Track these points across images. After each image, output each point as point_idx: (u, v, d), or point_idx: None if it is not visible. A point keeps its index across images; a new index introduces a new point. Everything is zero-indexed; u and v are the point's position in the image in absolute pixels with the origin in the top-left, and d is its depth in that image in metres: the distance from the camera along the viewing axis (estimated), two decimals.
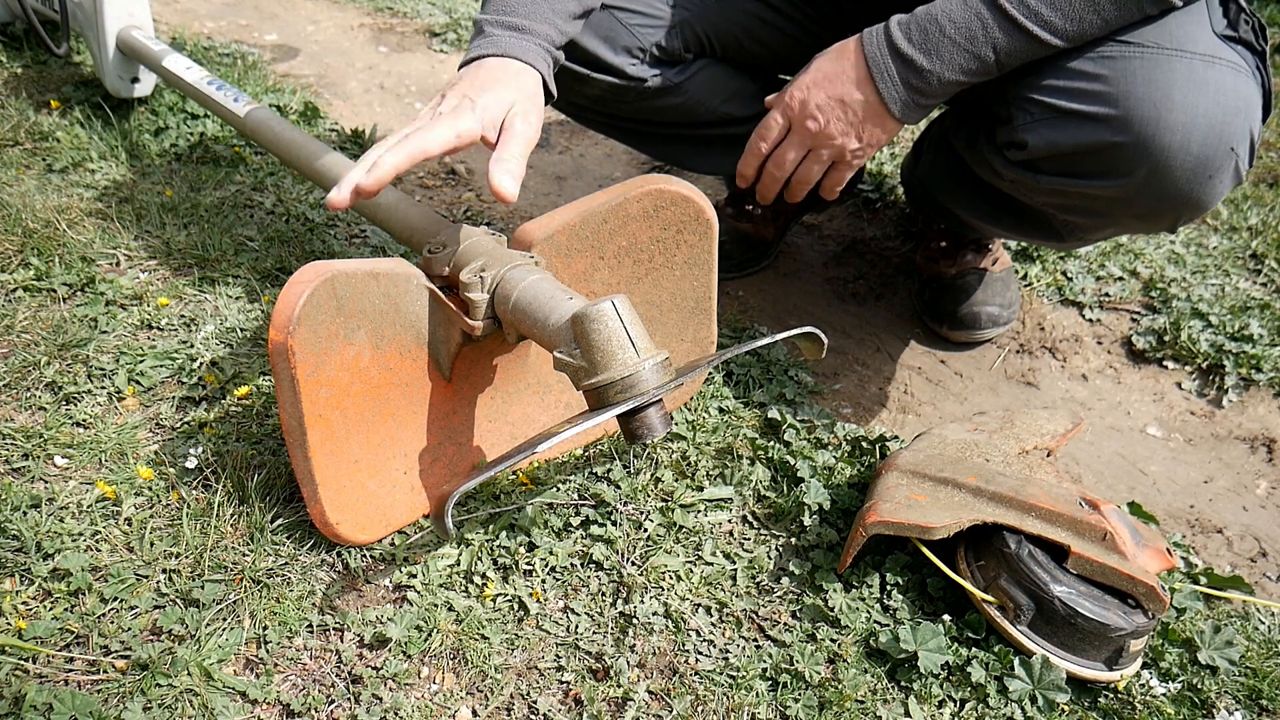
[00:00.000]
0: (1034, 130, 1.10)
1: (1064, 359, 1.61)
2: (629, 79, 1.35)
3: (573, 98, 1.42)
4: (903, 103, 1.09)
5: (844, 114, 1.09)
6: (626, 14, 1.32)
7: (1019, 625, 0.98)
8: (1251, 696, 1.01)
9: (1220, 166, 1.04)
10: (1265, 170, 2.26)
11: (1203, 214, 1.11)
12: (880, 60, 1.08)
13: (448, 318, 1.02)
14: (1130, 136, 1.03)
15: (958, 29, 1.04)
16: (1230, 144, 1.03)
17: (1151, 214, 1.11)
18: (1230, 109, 1.02)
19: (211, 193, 1.68)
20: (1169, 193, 1.06)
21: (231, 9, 2.75)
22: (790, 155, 1.16)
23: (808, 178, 1.16)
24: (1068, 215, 1.21)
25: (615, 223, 1.10)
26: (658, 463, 1.20)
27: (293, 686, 0.92)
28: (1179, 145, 1.02)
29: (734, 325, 1.55)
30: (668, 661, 0.98)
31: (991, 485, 1.04)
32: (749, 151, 1.19)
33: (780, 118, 1.15)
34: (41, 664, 0.89)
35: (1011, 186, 1.21)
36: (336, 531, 1.00)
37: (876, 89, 1.08)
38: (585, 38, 1.30)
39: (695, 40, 1.37)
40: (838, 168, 1.16)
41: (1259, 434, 1.47)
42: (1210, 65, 1.03)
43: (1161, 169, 1.04)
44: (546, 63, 1.08)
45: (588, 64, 1.33)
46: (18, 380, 1.20)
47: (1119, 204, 1.11)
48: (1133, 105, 1.03)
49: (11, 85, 1.95)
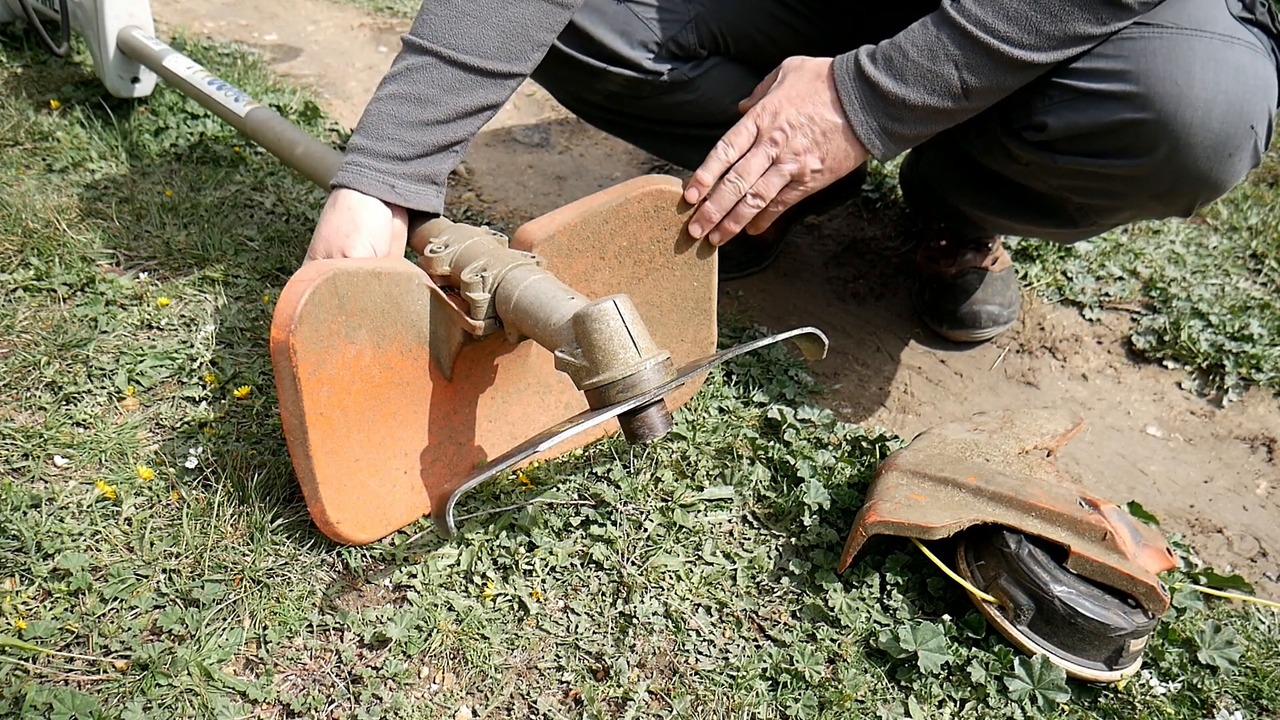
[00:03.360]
0: (1053, 111, 1.10)
1: (1064, 359, 1.61)
2: (645, 72, 1.35)
3: (585, 94, 1.42)
4: (869, 129, 1.07)
5: (812, 131, 1.08)
6: (642, 7, 1.32)
7: (1019, 625, 0.98)
8: (1251, 696, 1.01)
9: (1240, 145, 1.04)
10: (1265, 170, 2.27)
11: (1220, 194, 1.10)
12: (848, 85, 1.07)
13: (449, 317, 1.02)
14: (1152, 113, 1.03)
15: (919, 51, 1.04)
16: (1250, 121, 1.03)
17: (1170, 193, 1.11)
18: (1250, 87, 1.02)
19: (211, 193, 1.68)
20: (1189, 170, 1.06)
21: (231, 9, 2.75)
22: (755, 164, 1.10)
23: (766, 191, 1.11)
24: (1084, 198, 1.20)
25: (616, 223, 1.10)
26: (658, 463, 1.20)
27: (293, 686, 0.92)
28: (1200, 122, 1.02)
29: (734, 325, 1.55)
30: (668, 661, 0.98)
31: (991, 485, 1.04)
32: (712, 157, 1.11)
33: (751, 124, 1.10)
34: (41, 664, 0.89)
35: (1025, 171, 1.21)
36: (337, 531, 1.00)
37: (845, 115, 1.07)
38: (600, 31, 1.30)
39: (710, 36, 1.38)
40: (792, 187, 1.11)
41: (1259, 434, 1.47)
42: (1229, 44, 1.03)
43: (1183, 146, 1.04)
44: (380, 182, 1.06)
45: (603, 58, 1.33)
46: (18, 380, 1.20)
47: (1138, 183, 1.11)
48: (1154, 82, 1.02)
49: (11, 85, 1.95)
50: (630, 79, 1.35)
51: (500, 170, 2.05)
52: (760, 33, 1.40)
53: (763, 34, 1.41)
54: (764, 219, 1.15)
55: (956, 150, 1.35)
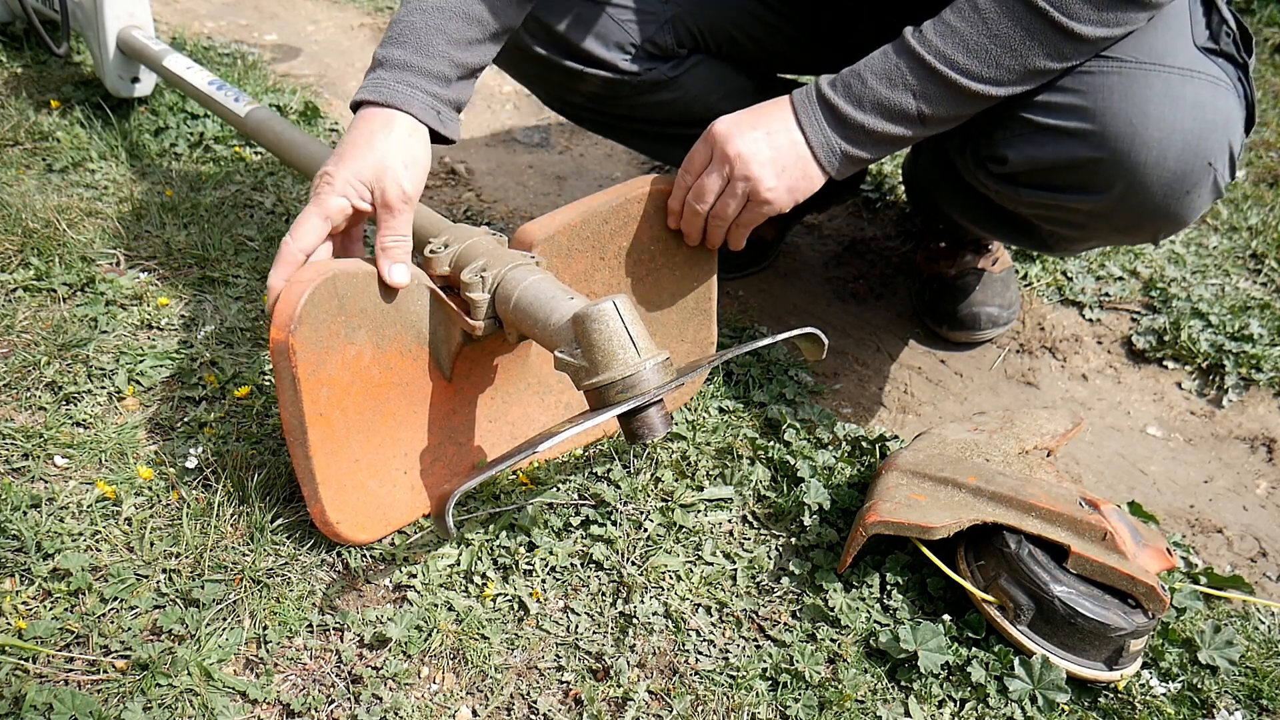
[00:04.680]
0: (1013, 145, 1.10)
1: (1064, 359, 1.61)
2: (622, 73, 1.34)
3: (567, 96, 1.41)
4: (828, 149, 1.06)
5: (768, 146, 1.05)
6: (617, 9, 1.31)
7: (1019, 625, 0.98)
8: (1251, 696, 1.01)
9: (1197, 182, 1.04)
10: (1265, 170, 2.27)
11: (1182, 228, 1.11)
12: (807, 107, 1.06)
13: (449, 317, 1.02)
14: (1106, 152, 1.03)
15: (878, 78, 1.03)
16: (1207, 159, 1.03)
17: (1131, 228, 1.11)
18: (1208, 124, 1.02)
19: (211, 193, 1.68)
20: (1146, 208, 1.06)
21: (231, 9, 2.75)
22: (710, 184, 1.07)
23: (724, 213, 1.09)
24: (1051, 226, 1.21)
25: (616, 223, 1.10)
26: (658, 463, 1.21)
27: (293, 686, 0.92)
28: (1155, 161, 1.02)
29: (734, 325, 1.55)
30: (668, 661, 0.98)
31: (991, 485, 1.04)
32: (676, 184, 1.11)
33: (703, 146, 1.08)
34: (41, 664, 0.89)
35: (997, 197, 1.22)
36: (336, 531, 1.00)
37: (804, 133, 1.06)
38: (576, 33, 1.29)
39: (688, 35, 1.37)
40: (751, 208, 1.08)
41: (1259, 434, 1.47)
42: (1188, 80, 1.03)
43: (1138, 185, 1.04)
44: (429, 107, 1.03)
45: (580, 59, 1.32)
46: (18, 380, 1.20)
47: (1098, 218, 1.11)
48: (1109, 121, 1.02)
49: (11, 85, 1.95)
50: (607, 80, 1.35)
51: (500, 170, 2.05)
52: (740, 30, 1.40)
53: (742, 31, 1.40)
54: (734, 238, 1.13)
55: (948, 158, 1.36)
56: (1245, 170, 2.27)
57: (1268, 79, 2.87)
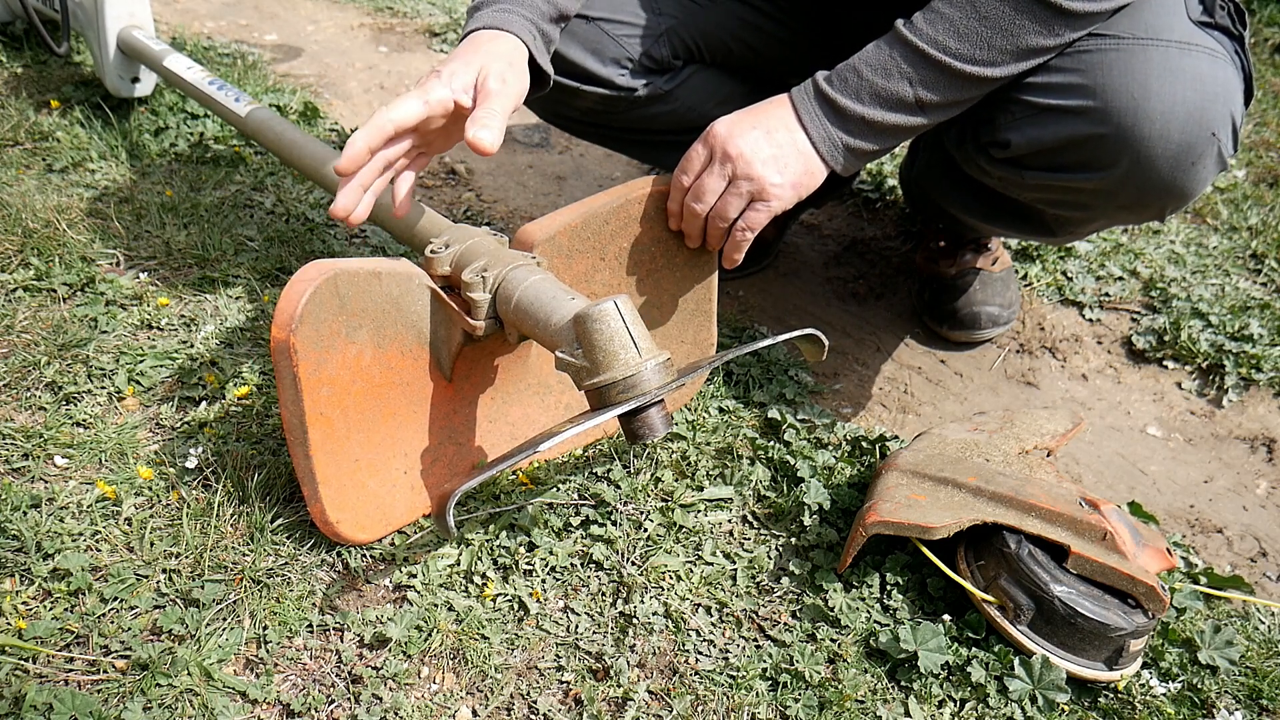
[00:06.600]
0: (1016, 128, 1.10)
1: (1064, 359, 1.61)
2: (619, 89, 1.34)
3: (563, 110, 1.41)
4: (830, 143, 1.06)
5: (768, 144, 1.05)
6: (612, 24, 1.31)
7: (1019, 625, 0.98)
8: (1251, 696, 1.01)
9: (1202, 153, 1.04)
10: (1265, 170, 2.27)
11: (1189, 201, 1.11)
12: (806, 103, 1.06)
13: (449, 317, 1.02)
14: (1110, 128, 1.03)
15: (873, 69, 1.04)
16: (1211, 129, 1.03)
17: (1137, 204, 1.11)
18: (1209, 94, 1.02)
19: (211, 193, 1.68)
20: (1153, 182, 1.06)
21: (231, 9, 2.75)
22: (710, 184, 1.07)
23: (725, 213, 1.08)
24: (1056, 209, 1.21)
25: (617, 224, 1.10)
26: (658, 463, 1.21)
27: (293, 686, 0.92)
28: (1159, 134, 1.02)
29: (734, 325, 1.55)
30: (668, 661, 0.98)
31: (991, 485, 1.04)
32: (673, 186, 1.10)
33: (701, 147, 1.07)
34: (41, 664, 0.89)
35: (1000, 184, 1.21)
36: (337, 530, 1.00)
37: (804, 128, 1.06)
38: (572, 50, 1.29)
39: (684, 47, 1.37)
40: (755, 207, 1.07)
41: (1259, 434, 1.47)
42: (1186, 52, 1.03)
43: (1143, 159, 1.04)
44: (531, 31, 1.06)
45: (576, 76, 1.32)
46: (18, 380, 1.20)
47: (1104, 196, 1.11)
48: (1110, 97, 1.02)
49: (11, 85, 1.95)
50: (605, 96, 1.35)
51: (500, 170, 2.05)
52: (734, 39, 1.40)
53: (737, 40, 1.40)
54: (737, 245, 1.11)
55: (946, 155, 1.36)
56: (1245, 170, 2.27)
57: (1268, 79, 2.87)
